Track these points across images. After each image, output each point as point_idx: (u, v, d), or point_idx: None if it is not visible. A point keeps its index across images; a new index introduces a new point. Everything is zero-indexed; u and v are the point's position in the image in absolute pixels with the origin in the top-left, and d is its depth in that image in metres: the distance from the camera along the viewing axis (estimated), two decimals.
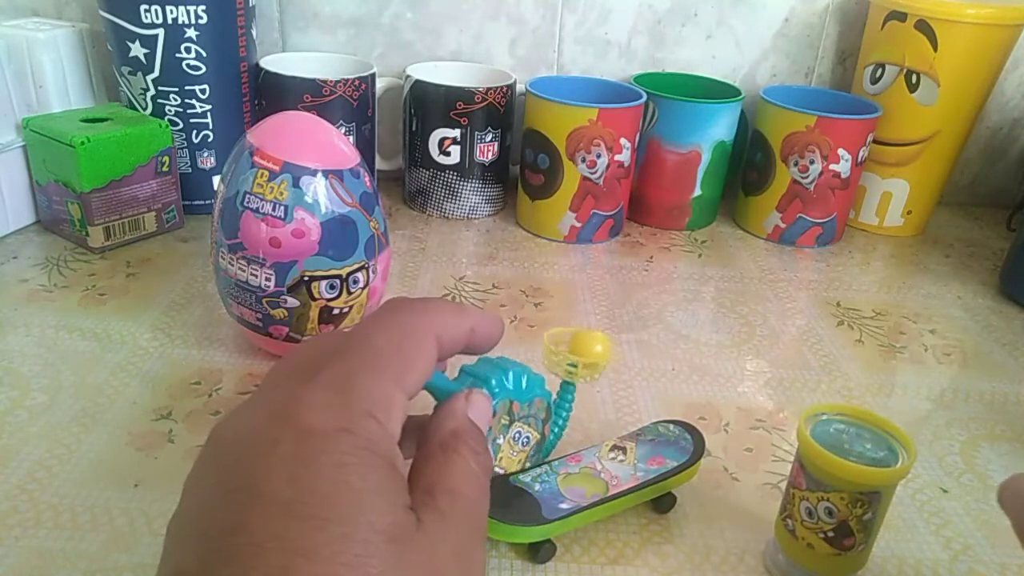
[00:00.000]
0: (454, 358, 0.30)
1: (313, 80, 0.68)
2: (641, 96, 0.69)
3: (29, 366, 0.49)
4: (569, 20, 0.79)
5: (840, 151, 0.70)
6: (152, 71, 0.65)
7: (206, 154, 0.70)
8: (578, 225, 0.71)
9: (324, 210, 0.45)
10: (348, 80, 0.69)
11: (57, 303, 0.56)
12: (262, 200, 0.44)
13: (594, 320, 0.59)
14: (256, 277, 0.46)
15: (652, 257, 0.71)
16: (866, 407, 0.44)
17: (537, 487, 0.38)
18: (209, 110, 0.68)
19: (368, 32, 0.78)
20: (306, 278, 0.46)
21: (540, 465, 0.40)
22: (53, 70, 0.66)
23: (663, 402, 0.50)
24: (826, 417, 0.37)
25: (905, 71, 0.72)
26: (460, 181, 0.74)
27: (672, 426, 0.43)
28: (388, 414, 0.24)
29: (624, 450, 0.41)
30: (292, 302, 0.47)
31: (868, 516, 0.35)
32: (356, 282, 0.48)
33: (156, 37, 0.64)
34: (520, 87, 0.74)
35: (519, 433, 0.39)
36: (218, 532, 0.21)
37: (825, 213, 0.73)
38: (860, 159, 0.72)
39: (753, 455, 0.46)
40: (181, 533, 0.23)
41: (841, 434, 0.37)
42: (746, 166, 0.77)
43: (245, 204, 0.45)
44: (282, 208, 0.44)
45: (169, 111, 0.67)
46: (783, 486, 0.43)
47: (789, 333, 0.60)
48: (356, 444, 0.23)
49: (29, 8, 0.76)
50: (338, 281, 0.47)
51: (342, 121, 0.70)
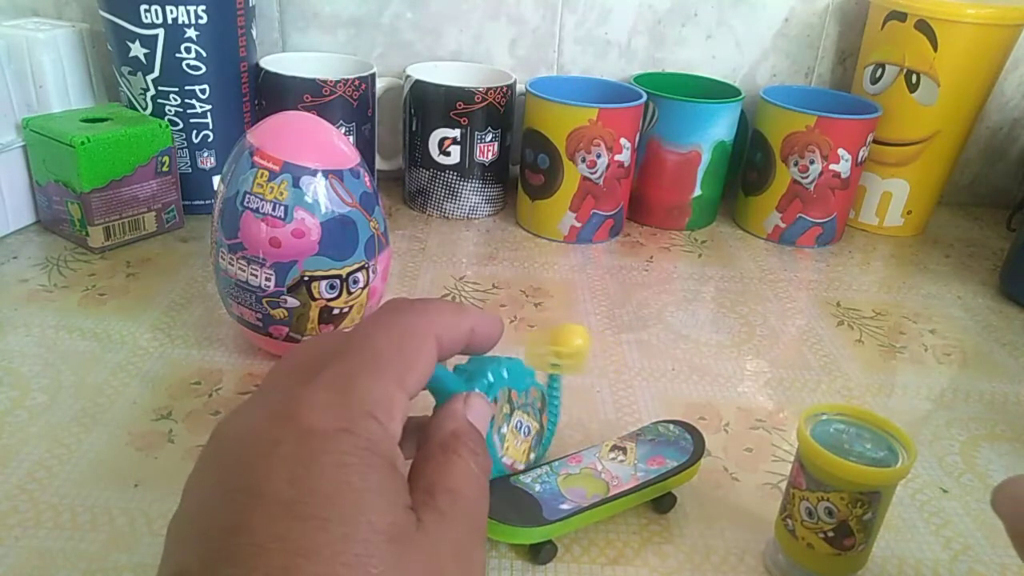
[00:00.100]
0: (451, 359, 0.30)
1: (313, 80, 0.68)
2: (641, 96, 0.69)
3: (29, 366, 0.49)
4: (569, 20, 0.79)
5: (840, 151, 0.70)
6: (152, 71, 0.65)
7: (206, 154, 0.70)
8: (578, 225, 0.71)
9: (324, 210, 0.45)
10: (348, 80, 0.69)
11: (57, 303, 0.56)
12: (262, 200, 0.45)
13: (594, 320, 0.59)
14: (256, 277, 0.46)
15: (652, 257, 0.71)
16: (866, 407, 0.44)
17: (538, 488, 0.38)
18: (209, 110, 0.68)
19: (368, 32, 0.78)
20: (306, 278, 0.46)
21: (540, 466, 0.40)
22: (53, 70, 0.66)
23: (663, 402, 0.50)
24: (826, 417, 0.37)
25: (905, 71, 0.72)
26: (460, 181, 0.74)
27: (672, 426, 0.43)
28: (389, 414, 0.24)
29: (624, 450, 0.41)
30: (292, 302, 0.47)
31: (868, 516, 0.35)
32: (356, 282, 0.48)
33: (156, 37, 0.64)
34: (520, 87, 0.74)
35: (520, 423, 0.39)
36: (219, 532, 0.21)
37: (825, 213, 0.73)
38: (860, 159, 0.72)
39: (753, 455, 0.46)
40: (182, 533, 0.23)
41: (841, 434, 0.37)
42: (746, 166, 0.77)
43: (245, 204, 0.45)
44: (282, 208, 0.44)
45: (169, 111, 0.67)
46: (783, 486, 0.43)
47: (789, 333, 0.60)
48: (357, 444, 0.23)
49: (29, 8, 0.76)
50: (338, 281, 0.47)
51: (342, 121, 0.70)
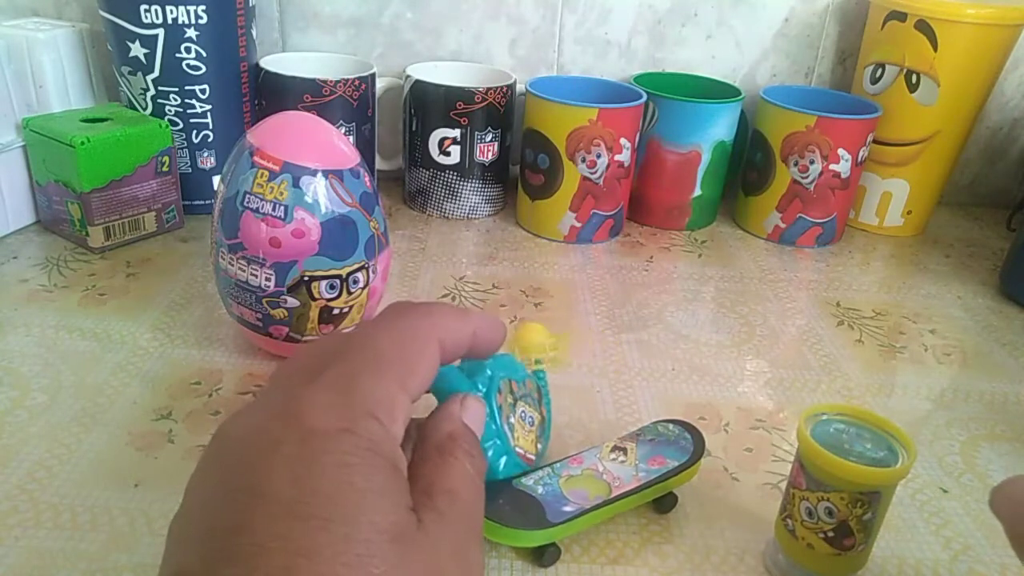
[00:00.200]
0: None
1: (313, 80, 0.68)
2: (641, 96, 0.69)
3: (29, 366, 0.49)
4: (569, 20, 0.79)
5: (840, 151, 0.70)
6: (152, 71, 0.65)
7: (206, 154, 0.70)
8: (578, 225, 0.71)
9: (324, 210, 0.45)
10: (348, 80, 0.69)
11: (57, 303, 0.56)
12: (262, 200, 0.44)
13: (594, 320, 0.59)
14: (256, 277, 0.46)
15: (652, 257, 0.71)
16: (866, 407, 0.44)
17: (540, 490, 0.38)
18: (209, 110, 0.68)
19: (368, 32, 0.78)
20: (306, 278, 0.46)
21: (542, 467, 0.40)
22: (53, 70, 0.66)
23: (663, 402, 0.50)
24: (826, 417, 0.37)
25: (905, 71, 0.72)
26: (460, 181, 0.74)
27: (671, 425, 0.43)
28: (391, 415, 0.24)
29: (625, 451, 0.41)
30: (292, 302, 0.47)
31: (868, 516, 0.35)
32: (356, 282, 0.48)
33: (156, 37, 0.64)
34: (520, 87, 0.74)
35: (524, 413, 0.40)
36: (220, 532, 0.21)
37: (825, 213, 0.73)
38: (860, 159, 0.72)
39: (753, 455, 0.46)
40: (183, 533, 0.23)
41: (841, 434, 0.37)
42: (746, 166, 0.77)
43: (245, 204, 0.45)
44: (282, 208, 0.44)
45: (169, 111, 0.67)
46: (783, 486, 0.43)
47: (789, 333, 0.60)
48: (358, 444, 0.23)
49: (29, 8, 0.76)
50: (338, 281, 0.47)
51: (342, 121, 0.70)
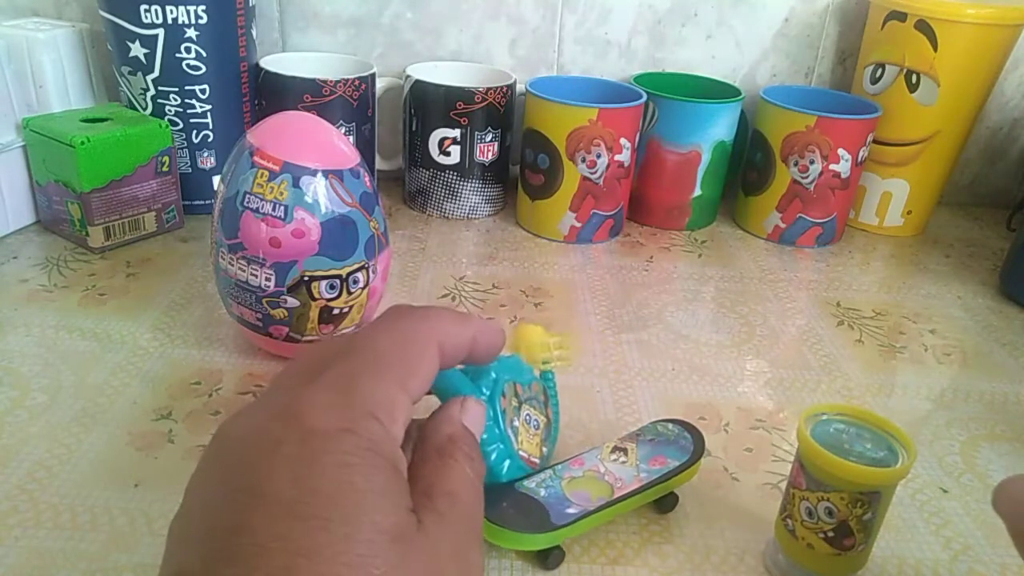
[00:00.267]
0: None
1: (313, 80, 0.68)
2: (641, 96, 0.69)
3: (29, 366, 0.49)
4: (569, 20, 0.79)
5: (840, 151, 0.70)
6: (152, 71, 0.65)
7: (206, 154, 0.70)
8: (578, 225, 0.71)
9: (324, 210, 0.45)
10: (348, 80, 0.69)
11: (57, 303, 0.56)
12: (262, 200, 0.44)
13: (594, 320, 0.59)
14: (256, 277, 0.46)
15: (652, 257, 0.71)
16: (866, 407, 0.44)
17: (543, 492, 0.38)
18: (209, 110, 0.68)
19: (368, 32, 0.78)
20: (306, 278, 0.46)
21: (543, 470, 0.40)
22: (53, 70, 0.66)
23: (663, 402, 0.50)
24: (826, 417, 0.37)
25: (905, 71, 0.72)
26: (460, 181, 0.74)
27: (671, 425, 0.43)
28: (391, 416, 0.24)
29: (625, 451, 0.41)
30: (292, 302, 0.47)
31: (868, 516, 0.35)
32: (356, 282, 0.48)
33: (156, 37, 0.64)
34: (520, 87, 0.74)
35: (529, 416, 0.40)
36: (221, 532, 0.21)
37: (825, 213, 0.73)
38: (860, 159, 0.72)
39: (753, 455, 0.46)
40: (184, 533, 0.23)
41: (841, 434, 0.37)
42: (746, 166, 0.77)
43: (245, 204, 0.45)
44: (282, 208, 0.44)
45: (169, 111, 0.67)
46: (783, 486, 0.43)
47: (789, 333, 0.60)
48: (359, 445, 0.23)
49: (29, 8, 0.76)
50: (338, 281, 0.47)
51: (342, 121, 0.70)
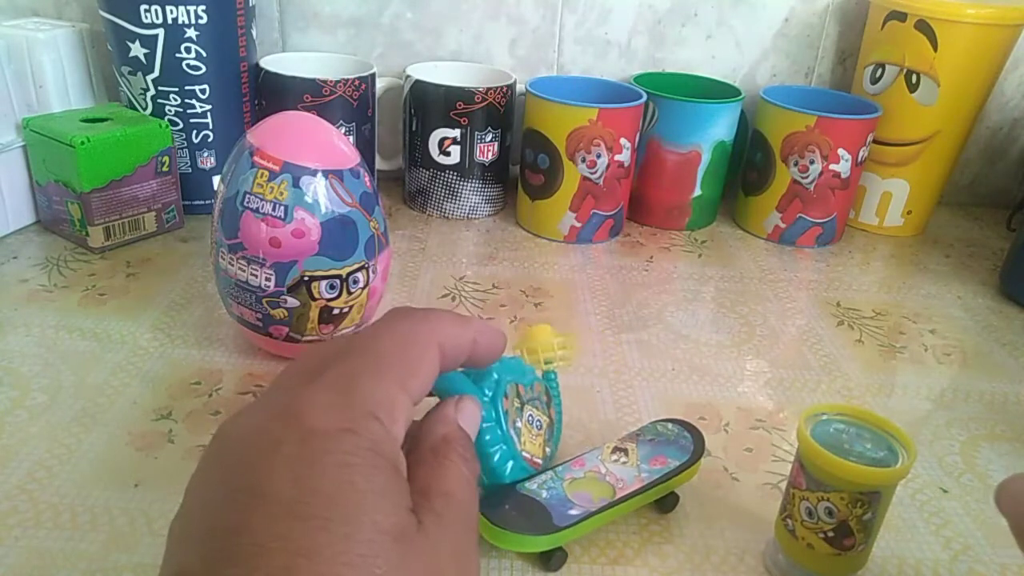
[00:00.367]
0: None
1: (313, 80, 0.68)
2: (641, 96, 0.69)
3: (29, 366, 0.49)
4: (569, 20, 0.79)
5: (840, 151, 0.70)
6: (152, 71, 0.65)
7: (206, 154, 0.70)
8: (578, 225, 0.71)
9: (324, 210, 0.45)
10: (348, 80, 0.69)
11: (57, 303, 0.56)
12: (262, 200, 0.44)
13: (594, 320, 0.59)
14: (256, 277, 0.46)
15: (652, 257, 0.71)
16: (866, 407, 0.44)
17: (544, 494, 0.38)
18: (209, 110, 0.68)
19: (368, 32, 0.78)
20: (306, 278, 0.46)
21: (545, 471, 0.40)
22: (53, 70, 0.66)
23: (663, 402, 0.50)
24: (826, 417, 0.37)
25: (905, 71, 0.72)
26: (460, 181, 0.74)
27: (671, 424, 0.43)
28: (391, 416, 0.24)
29: (626, 451, 0.41)
30: (292, 302, 0.47)
31: (868, 516, 0.35)
32: (356, 282, 0.48)
33: (156, 37, 0.64)
34: (520, 87, 0.74)
35: (531, 416, 0.40)
36: (221, 532, 0.21)
37: (825, 213, 0.73)
38: (860, 159, 0.72)
39: (753, 455, 0.46)
40: (184, 533, 0.23)
41: (841, 434, 0.37)
42: (746, 166, 0.77)
43: (245, 204, 0.45)
44: (282, 208, 0.44)
45: (169, 111, 0.67)
46: (783, 486, 0.43)
47: (789, 333, 0.60)
48: (360, 445, 0.23)
49: (29, 8, 0.76)
50: (338, 281, 0.47)
51: (342, 121, 0.70)
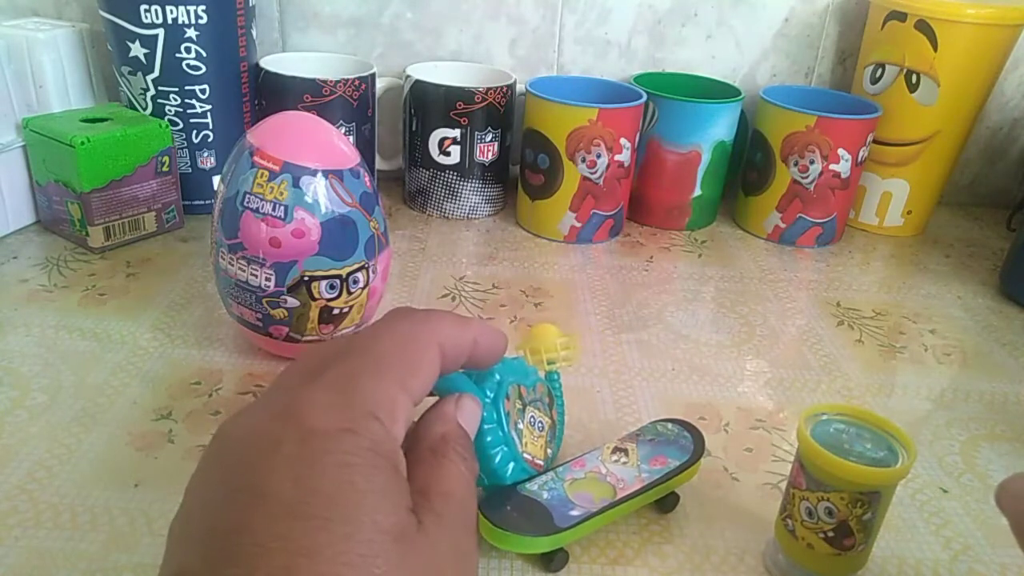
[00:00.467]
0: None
1: (313, 80, 0.68)
2: (641, 96, 0.69)
3: (29, 366, 0.49)
4: (569, 20, 0.79)
5: (840, 151, 0.70)
6: (152, 71, 0.65)
7: (206, 154, 0.70)
8: (578, 225, 0.71)
9: (324, 210, 0.45)
10: (348, 80, 0.69)
11: (57, 303, 0.56)
12: (262, 200, 0.44)
13: (594, 320, 0.59)
14: (256, 277, 0.46)
15: (652, 257, 0.71)
16: (866, 407, 0.44)
17: (545, 495, 0.38)
18: (209, 110, 0.68)
19: (368, 32, 0.78)
20: (306, 278, 0.46)
21: (546, 472, 0.40)
22: (53, 70, 0.66)
23: (663, 402, 0.50)
24: (826, 417, 0.37)
25: (905, 71, 0.72)
26: (460, 181, 0.74)
27: (670, 424, 0.43)
28: (391, 416, 0.24)
29: (626, 452, 0.41)
30: (292, 302, 0.47)
31: (868, 516, 0.35)
32: (356, 282, 0.48)
33: (156, 37, 0.64)
34: (520, 87, 0.74)
35: (533, 418, 0.40)
36: (221, 532, 0.21)
37: (825, 213, 0.73)
38: (860, 159, 0.72)
39: (753, 455, 0.46)
40: (184, 533, 0.23)
41: (841, 434, 0.37)
42: (746, 166, 0.77)
43: (245, 204, 0.45)
44: (282, 208, 0.44)
45: (169, 111, 0.67)
46: (783, 486, 0.43)
47: (789, 333, 0.60)
48: (360, 445, 0.23)
49: (29, 8, 0.76)
50: (338, 281, 0.47)
51: (342, 121, 0.70)
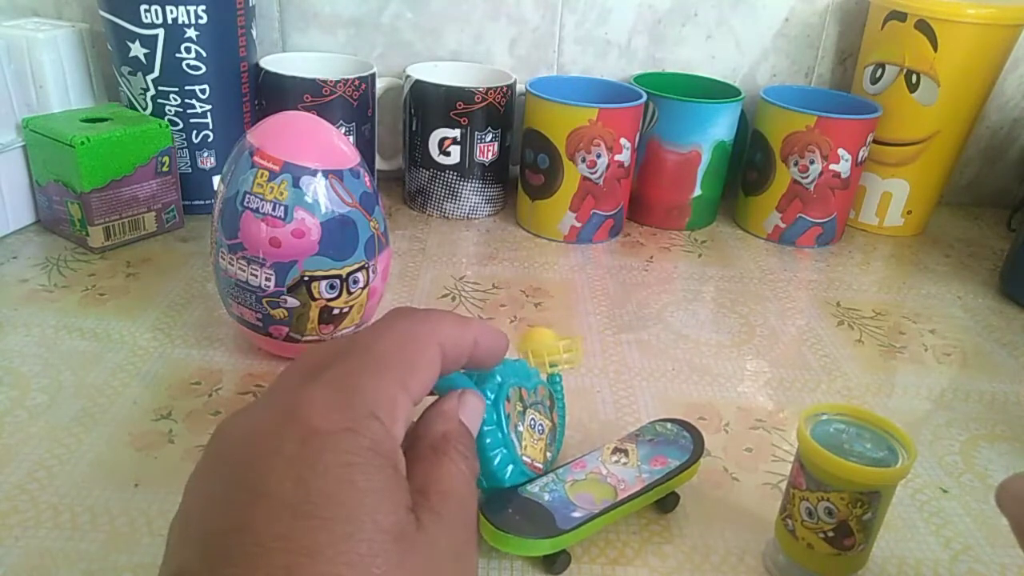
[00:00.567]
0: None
1: (313, 80, 0.68)
2: (641, 96, 0.69)
3: (29, 366, 0.49)
4: (569, 20, 0.79)
5: (840, 151, 0.70)
6: (152, 71, 0.65)
7: (206, 154, 0.70)
8: (578, 225, 0.71)
9: (324, 210, 0.45)
10: (348, 80, 0.69)
11: (57, 303, 0.56)
12: (262, 200, 0.44)
13: (594, 320, 0.59)
14: (256, 277, 0.46)
15: (652, 257, 0.71)
16: (866, 407, 0.44)
17: (547, 497, 0.38)
18: (209, 110, 0.68)
19: (368, 32, 0.78)
20: (306, 278, 0.46)
21: (546, 474, 0.40)
22: (53, 70, 0.66)
23: (663, 402, 0.50)
24: (826, 417, 0.37)
25: (905, 71, 0.72)
26: (460, 181, 0.74)
27: (670, 424, 0.43)
28: (392, 415, 0.24)
29: (626, 452, 0.41)
30: (292, 302, 0.47)
31: (868, 516, 0.35)
32: (356, 282, 0.48)
33: (156, 37, 0.64)
34: (520, 87, 0.74)
35: (534, 421, 0.39)
36: (221, 531, 0.21)
37: (825, 213, 0.73)
38: (860, 159, 0.72)
39: (753, 455, 0.46)
40: (184, 532, 0.23)
41: (841, 434, 0.37)
42: (746, 166, 0.77)
43: (245, 204, 0.45)
44: (282, 208, 0.44)
45: (169, 111, 0.67)
46: (783, 486, 0.43)
47: (789, 333, 0.60)
48: (360, 444, 0.23)
49: (29, 8, 0.76)
50: (338, 281, 0.47)
51: (342, 121, 0.70)
